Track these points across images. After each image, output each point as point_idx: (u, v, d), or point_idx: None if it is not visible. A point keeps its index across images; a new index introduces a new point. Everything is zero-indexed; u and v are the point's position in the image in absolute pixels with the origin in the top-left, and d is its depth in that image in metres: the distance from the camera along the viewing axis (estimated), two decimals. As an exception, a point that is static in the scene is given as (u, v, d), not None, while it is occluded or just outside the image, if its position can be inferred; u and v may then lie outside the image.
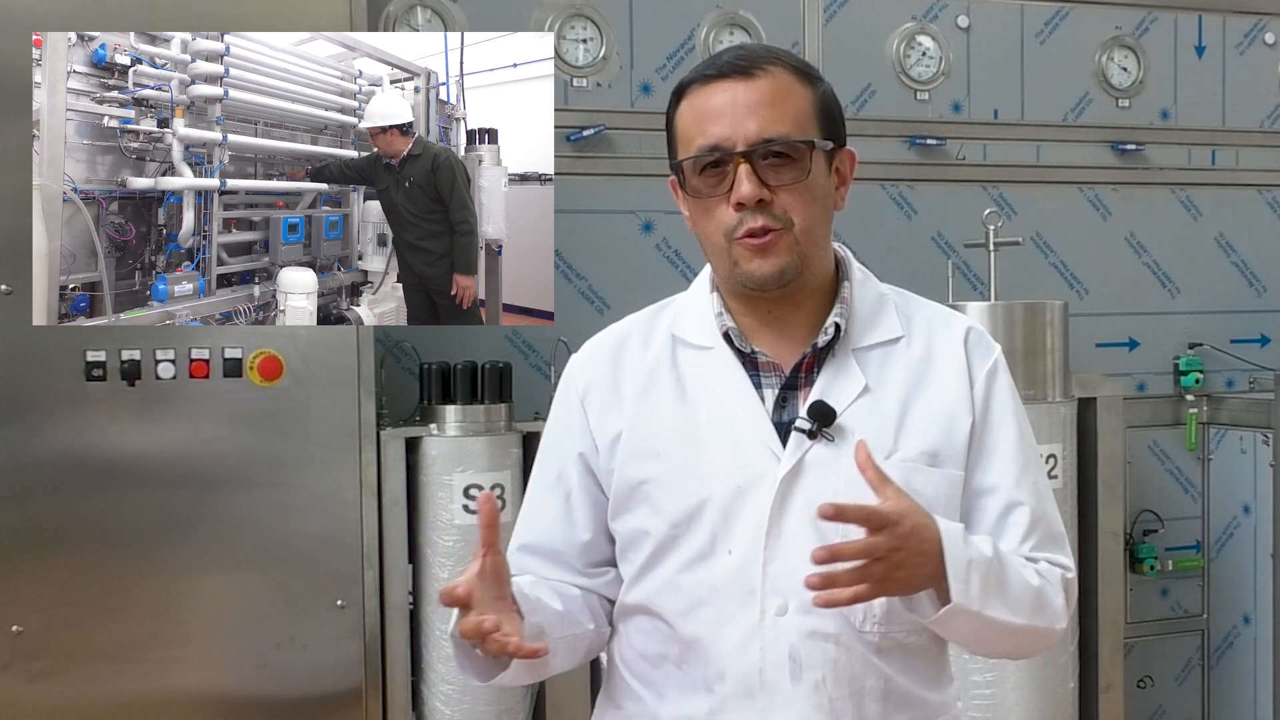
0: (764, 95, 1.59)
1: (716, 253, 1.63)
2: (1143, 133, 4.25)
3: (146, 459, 2.92)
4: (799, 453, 1.61)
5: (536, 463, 1.80)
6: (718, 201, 1.60)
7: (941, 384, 1.67)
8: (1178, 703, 4.29)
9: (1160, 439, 4.28)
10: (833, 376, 1.64)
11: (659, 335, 1.72)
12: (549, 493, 1.75)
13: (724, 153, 1.58)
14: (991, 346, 1.72)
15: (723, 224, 1.60)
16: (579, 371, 1.75)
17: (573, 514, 1.73)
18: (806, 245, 1.61)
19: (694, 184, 1.62)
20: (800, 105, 1.61)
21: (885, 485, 1.49)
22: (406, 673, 3.18)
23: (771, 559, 1.59)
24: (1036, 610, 1.61)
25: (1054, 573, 1.66)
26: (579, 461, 1.72)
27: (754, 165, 1.57)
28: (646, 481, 1.66)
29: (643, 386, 1.69)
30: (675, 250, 3.74)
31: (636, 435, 1.67)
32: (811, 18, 3.88)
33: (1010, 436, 1.68)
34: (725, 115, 1.59)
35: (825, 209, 1.64)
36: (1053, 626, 1.65)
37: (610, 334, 1.77)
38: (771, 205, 1.58)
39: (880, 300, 1.72)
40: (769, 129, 1.58)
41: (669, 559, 1.65)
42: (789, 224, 1.59)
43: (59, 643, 2.88)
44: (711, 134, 1.59)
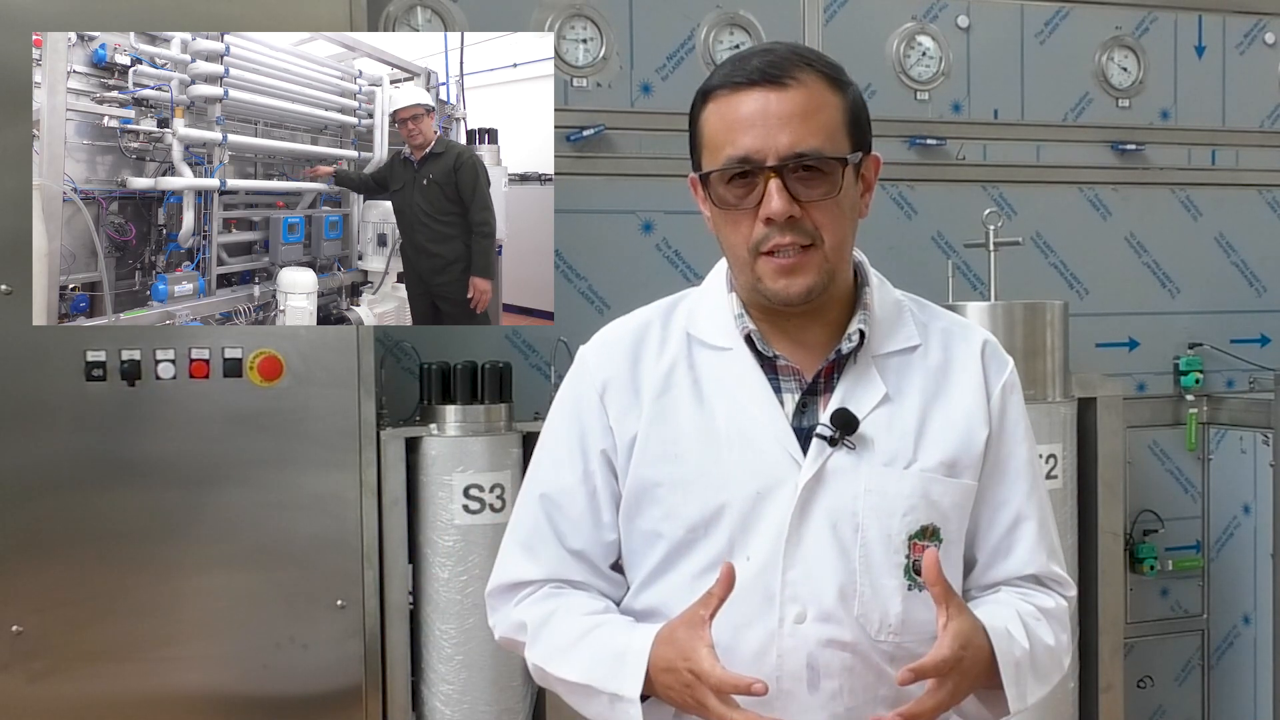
0: (796, 107, 1.55)
1: (740, 265, 1.61)
2: (1143, 133, 4.25)
3: (146, 459, 2.92)
4: (820, 460, 1.60)
5: (547, 454, 1.73)
6: (745, 214, 1.57)
7: (960, 395, 1.67)
8: (1178, 703, 4.28)
9: (1160, 439, 4.27)
10: (854, 384, 1.63)
11: (675, 334, 1.69)
12: (573, 492, 1.69)
13: (754, 165, 1.55)
14: (1006, 360, 1.73)
15: (749, 237, 1.57)
16: (596, 366, 1.70)
17: (599, 514, 1.69)
18: (836, 261, 1.60)
19: (720, 194, 1.58)
20: (832, 116, 1.58)
21: (950, 600, 1.52)
22: (406, 673, 3.18)
23: (791, 566, 1.59)
24: (1057, 666, 1.68)
25: (1061, 607, 1.71)
26: (602, 458, 1.68)
27: (784, 180, 1.54)
28: (661, 484, 1.64)
29: (660, 387, 1.66)
30: (675, 250, 3.74)
31: (653, 437, 1.64)
32: (811, 18, 3.88)
33: (1022, 451, 1.70)
34: (756, 126, 1.55)
35: (853, 222, 1.63)
36: (1064, 670, 1.71)
37: (625, 329, 1.73)
38: (801, 221, 1.55)
39: (897, 307, 1.71)
40: (801, 143, 1.54)
41: (684, 563, 1.63)
42: (819, 240, 1.56)
43: (59, 643, 2.87)
44: (741, 145, 1.55)
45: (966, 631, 1.52)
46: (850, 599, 1.59)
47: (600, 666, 1.59)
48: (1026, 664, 1.60)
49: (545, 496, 1.71)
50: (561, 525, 1.70)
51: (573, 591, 1.70)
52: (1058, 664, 1.68)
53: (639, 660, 1.56)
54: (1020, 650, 1.60)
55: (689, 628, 1.52)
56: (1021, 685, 1.59)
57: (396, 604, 3.14)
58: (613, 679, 1.57)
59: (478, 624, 3.12)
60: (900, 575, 1.60)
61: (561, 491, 1.70)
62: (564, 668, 1.63)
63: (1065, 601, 1.72)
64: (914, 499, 1.61)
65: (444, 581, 3.16)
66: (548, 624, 1.67)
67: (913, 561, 1.60)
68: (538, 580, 1.70)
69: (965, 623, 1.53)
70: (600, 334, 1.75)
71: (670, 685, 1.53)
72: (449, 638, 3.16)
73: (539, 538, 1.71)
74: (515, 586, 1.72)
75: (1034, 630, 1.64)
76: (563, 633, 1.65)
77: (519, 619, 1.70)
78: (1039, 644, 1.64)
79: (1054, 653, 1.67)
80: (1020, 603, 1.68)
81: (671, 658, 1.53)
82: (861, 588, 1.59)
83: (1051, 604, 1.69)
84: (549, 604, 1.69)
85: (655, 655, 1.55)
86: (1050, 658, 1.66)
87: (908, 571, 1.60)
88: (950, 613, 1.51)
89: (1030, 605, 1.68)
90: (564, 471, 1.70)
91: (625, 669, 1.56)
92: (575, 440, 1.70)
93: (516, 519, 1.76)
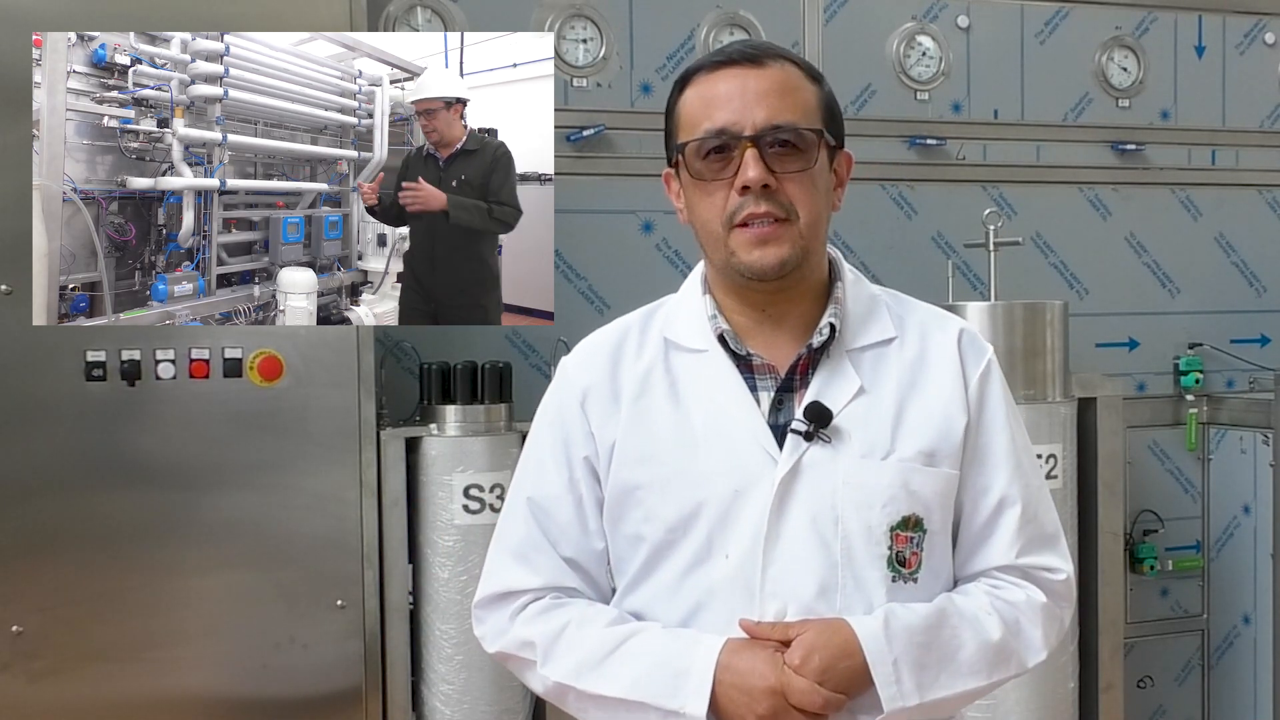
0: (773, 84, 1.59)
1: (713, 241, 1.62)
2: (1143, 133, 4.25)
3: (146, 459, 2.92)
4: (796, 454, 1.60)
5: (532, 464, 1.74)
6: (720, 186, 1.59)
7: (936, 384, 1.67)
8: (1178, 703, 4.28)
9: (1160, 439, 4.27)
10: (828, 378, 1.64)
11: (652, 339, 1.70)
12: (560, 499, 1.69)
13: (731, 136, 1.57)
14: (984, 348, 1.72)
15: (723, 209, 1.58)
16: (576, 375, 1.72)
17: (586, 521, 1.69)
18: (810, 239, 1.61)
19: (697, 166, 1.60)
20: (808, 99, 1.61)
21: (790, 630, 1.55)
22: (406, 673, 3.18)
23: (770, 562, 1.59)
24: (998, 664, 1.63)
25: (1034, 600, 1.66)
26: (585, 465, 1.69)
27: (761, 151, 1.56)
28: (640, 486, 1.64)
29: (637, 391, 1.67)
30: (675, 250, 3.74)
31: (631, 441, 1.65)
32: (811, 18, 3.88)
33: (1003, 437, 1.69)
34: (734, 100, 1.58)
35: (827, 204, 1.64)
36: (1025, 667, 1.66)
37: (605, 338, 1.74)
38: (776, 193, 1.57)
39: (872, 301, 1.71)
40: (778, 116, 1.57)
41: (665, 564, 1.63)
42: (793, 214, 1.58)
43: (59, 643, 2.87)
44: (719, 118, 1.58)
45: (810, 637, 1.54)
46: (832, 593, 1.59)
47: (651, 681, 1.57)
48: (916, 660, 1.56)
49: (534, 504, 1.71)
50: (552, 532, 1.70)
51: (575, 601, 1.69)
52: (999, 660, 1.62)
53: (703, 675, 1.55)
54: (907, 645, 1.56)
55: (762, 650, 1.55)
56: (902, 682, 1.55)
57: (396, 604, 3.14)
58: (672, 695, 1.55)
59: (478, 624, 3.11)
60: (884, 567, 1.60)
61: (549, 499, 1.70)
62: (601, 683, 1.60)
63: (1043, 595, 1.67)
64: (893, 489, 1.61)
65: (444, 581, 3.16)
66: (564, 638, 1.64)
67: (895, 553, 1.60)
68: (534, 589, 1.69)
69: (812, 631, 1.55)
70: (580, 344, 1.76)
71: (733, 699, 1.53)
72: (449, 638, 3.16)
73: (532, 545, 1.70)
74: (508, 596, 1.70)
75: (961, 623, 1.61)
76: (589, 646, 1.62)
77: (523, 636, 1.67)
78: (967, 635, 1.60)
79: (993, 647, 1.61)
80: (979, 597, 1.65)
81: (746, 675, 1.54)
82: (844, 581, 1.59)
83: (1021, 597, 1.66)
84: (557, 616, 1.66)
85: (723, 669, 1.55)
86: (983, 652, 1.61)
87: (891, 563, 1.61)
88: (796, 628, 1.55)
89: (989, 599, 1.65)
90: (550, 480, 1.70)
91: (687, 684, 1.55)
92: (560, 448, 1.70)
93: (504, 529, 1.74)
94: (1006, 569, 1.68)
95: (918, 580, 1.62)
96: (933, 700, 1.57)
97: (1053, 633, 1.69)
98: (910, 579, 1.61)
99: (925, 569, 1.63)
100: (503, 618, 1.70)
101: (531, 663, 1.66)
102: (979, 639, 1.61)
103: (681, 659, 1.57)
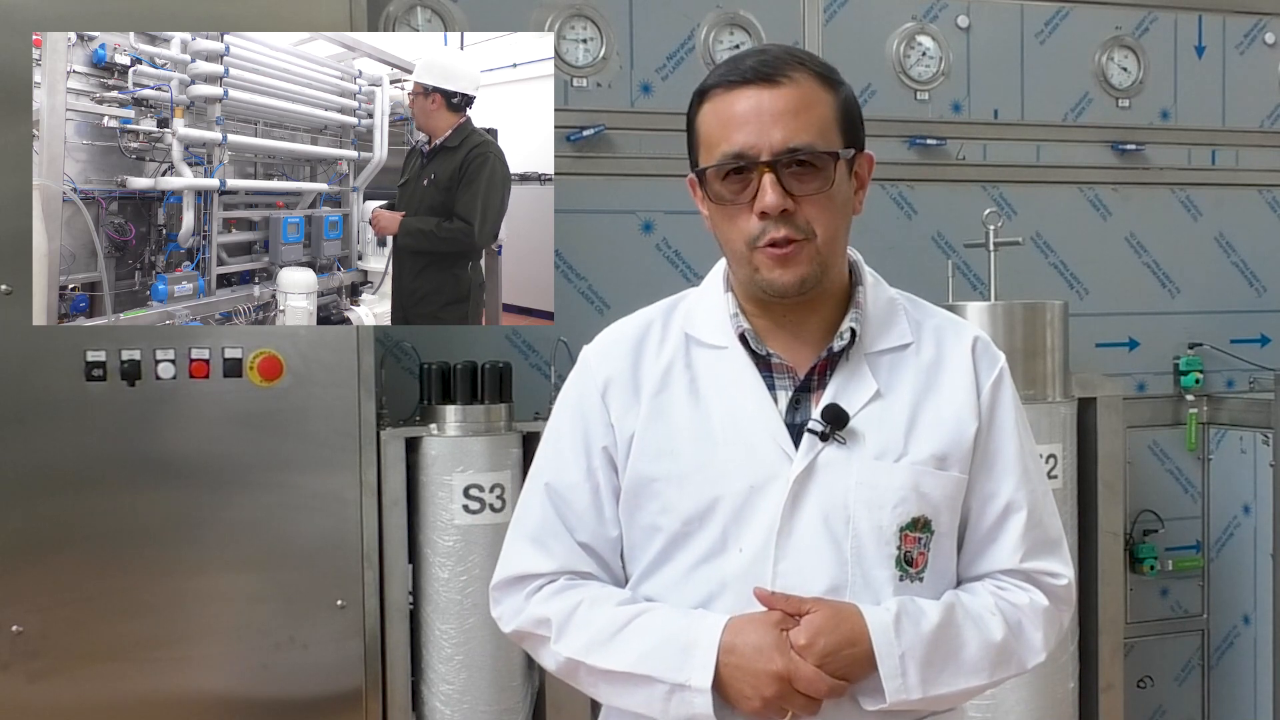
0: (789, 104, 1.60)
1: (737, 259, 1.65)
2: (1143, 133, 4.25)
3: (146, 459, 2.92)
4: (811, 454, 1.63)
5: (551, 451, 1.76)
6: (741, 209, 1.61)
7: (950, 390, 1.70)
8: (1178, 703, 4.28)
9: (1160, 439, 4.28)
10: (845, 380, 1.67)
11: (673, 334, 1.73)
12: (578, 487, 1.72)
13: (748, 161, 1.59)
14: (997, 356, 1.75)
15: (745, 231, 1.61)
16: (598, 365, 1.74)
17: (602, 509, 1.72)
18: (828, 255, 1.64)
19: (717, 190, 1.62)
20: (824, 113, 1.62)
21: (804, 605, 1.58)
22: (406, 673, 3.18)
23: (782, 557, 1.62)
24: (1000, 663, 1.66)
25: (1036, 603, 1.70)
26: (604, 455, 1.71)
27: (778, 174, 1.58)
28: (658, 479, 1.67)
29: (658, 385, 1.70)
30: (675, 250, 3.74)
31: (650, 434, 1.68)
32: (811, 18, 3.88)
33: (1012, 444, 1.72)
34: (750, 123, 1.59)
35: (846, 217, 1.67)
36: (1024, 667, 1.70)
37: (628, 329, 1.76)
38: (794, 215, 1.59)
39: (891, 305, 1.74)
40: (794, 138, 1.59)
41: (680, 555, 1.66)
42: (811, 234, 1.60)
43: (59, 643, 2.87)
44: (736, 141, 1.60)
45: (818, 620, 1.57)
46: (841, 590, 1.62)
47: (657, 655, 1.61)
48: (923, 655, 1.59)
49: (551, 489, 1.73)
50: (569, 518, 1.72)
51: (589, 583, 1.72)
52: (1000, 660, 1.66)
53: (708, 649, 1.58)
54: (915, 639, 1.59)
55: (770, 627, 1.57)
56: (907, 675, 1.58)
57: (396, 604, 3.14)
58: (678, 669, 1.59)
59: (478, 624, 3.12)
60: (892, 566, 1.64)
61: (567, 486, 1.73)
62: (609, 658, 1.64)
63: (1045, 599, 1.71)
64: (904, 491, 1.64)
65: (444, 581, 3.16)
66: (576, 616, 1.68)
67: (904, 553, 1.64)
68: (549, 572, 1.72)
69: (820, 614, 1.58)
70: (603, 334, 1.78)
71: (738, 678, 1.57)
72: (449, 638, 3.16)
73: (548, 530, 1.73)
74: (524, 579, 1.73)
75: (967, 622, 1.65)
76: (600, 623, 1.66)
77: (538, 614, 1.70)
78: (970, 634, 1.64)
79: (996, 647, 1.65)
80: (984, 597, 1.69)
81: (748, 652, 1.57)
82: (853, 579, 1.62)
83: (1025, 600, 1.70)
84: (571, 596, 1.70)
85: (726, 645, 1.58)
86: (985, 652, 1.64)
87: (899, 563, 1.64)
88: (809, 605, 1.58)
89: (994, 600, 1.68)
90: (568, 467, 1.73)
91: (693, 658, 1.58)
92: (579, 437, 1.73)
93: (522, 514, 1.77)
94: (1010, 572, 1.72)
95: (924, 580, 1.66)
96: (934, 695, 1.61)
97: (1052, 636, 1.73)
98: (917, 578, 1.65)
99: (931, 569, 1.67)
100: (519, 599, 1.73)
101: (545, 639, 1.70)
102: (983, 638, 1.65)
103: (688, 634, 1.60)
